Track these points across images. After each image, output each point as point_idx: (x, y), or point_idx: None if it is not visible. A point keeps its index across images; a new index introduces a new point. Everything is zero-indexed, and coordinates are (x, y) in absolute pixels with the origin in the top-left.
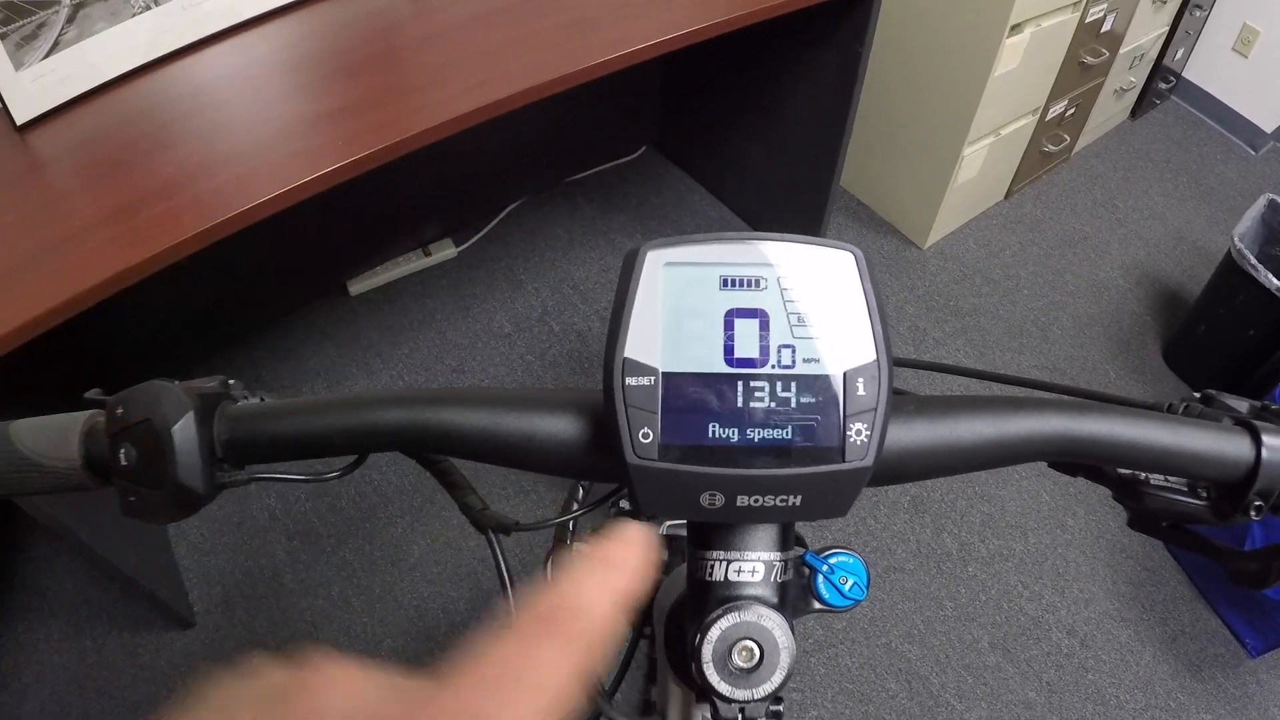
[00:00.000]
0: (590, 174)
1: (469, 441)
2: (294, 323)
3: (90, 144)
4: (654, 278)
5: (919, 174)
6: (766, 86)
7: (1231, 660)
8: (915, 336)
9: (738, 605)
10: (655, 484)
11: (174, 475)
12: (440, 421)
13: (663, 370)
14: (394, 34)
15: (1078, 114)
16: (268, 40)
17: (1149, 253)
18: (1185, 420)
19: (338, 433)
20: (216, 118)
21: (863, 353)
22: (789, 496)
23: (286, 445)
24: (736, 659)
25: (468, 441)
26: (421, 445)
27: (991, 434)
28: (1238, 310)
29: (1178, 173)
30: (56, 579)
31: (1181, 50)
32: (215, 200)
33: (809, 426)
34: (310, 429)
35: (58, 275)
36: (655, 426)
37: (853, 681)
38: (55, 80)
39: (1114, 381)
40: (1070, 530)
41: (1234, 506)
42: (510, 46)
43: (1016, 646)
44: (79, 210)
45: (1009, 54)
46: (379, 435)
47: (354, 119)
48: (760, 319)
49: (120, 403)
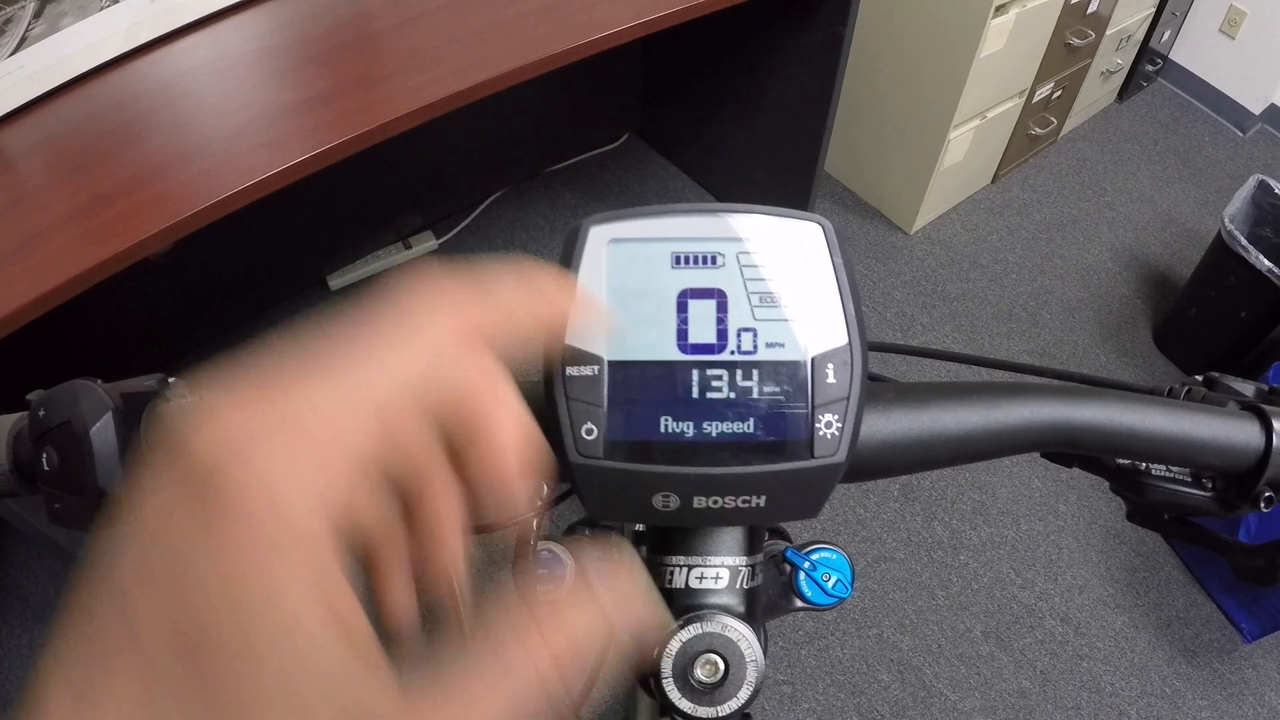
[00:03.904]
0: (572, 163)
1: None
2: (273, 317)
3: (58, 140)
4: (597, 256)
5: (904, 158)
6: (749, 71)
7: (1227, 645)
8: (903, 322)
9: (700, 616)
10: (601, 485)
11: (94, 480)
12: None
13: (608, 359)
14: (366, 22)
15: (1064, 97)
16: (239, 31)
17: (1138, 235)
18: (1189, 406)
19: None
20: (185, 111)
21: (833, 336)
22: (752, 497)
23: None
24: (699, 673)
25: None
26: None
27: (979, 423)
28: (1228, 292)
29: (1166, 155)
30: (39, 584)
31: (1168, 32)
32: (182, 195)
33: (773, 419)
34: None
35: (22, 275)
36: (600, 421)
37: (844, 673)
38: (23, 77)
39: (1105, 365)
40: (1063, 516)
41: (1241, 497)
42: (484, 32)
43: (1010, 635)
44: (46, 208)
45: (994, 35)
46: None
47: (324, 108)
48: (717, 300)
49: (43, 404)
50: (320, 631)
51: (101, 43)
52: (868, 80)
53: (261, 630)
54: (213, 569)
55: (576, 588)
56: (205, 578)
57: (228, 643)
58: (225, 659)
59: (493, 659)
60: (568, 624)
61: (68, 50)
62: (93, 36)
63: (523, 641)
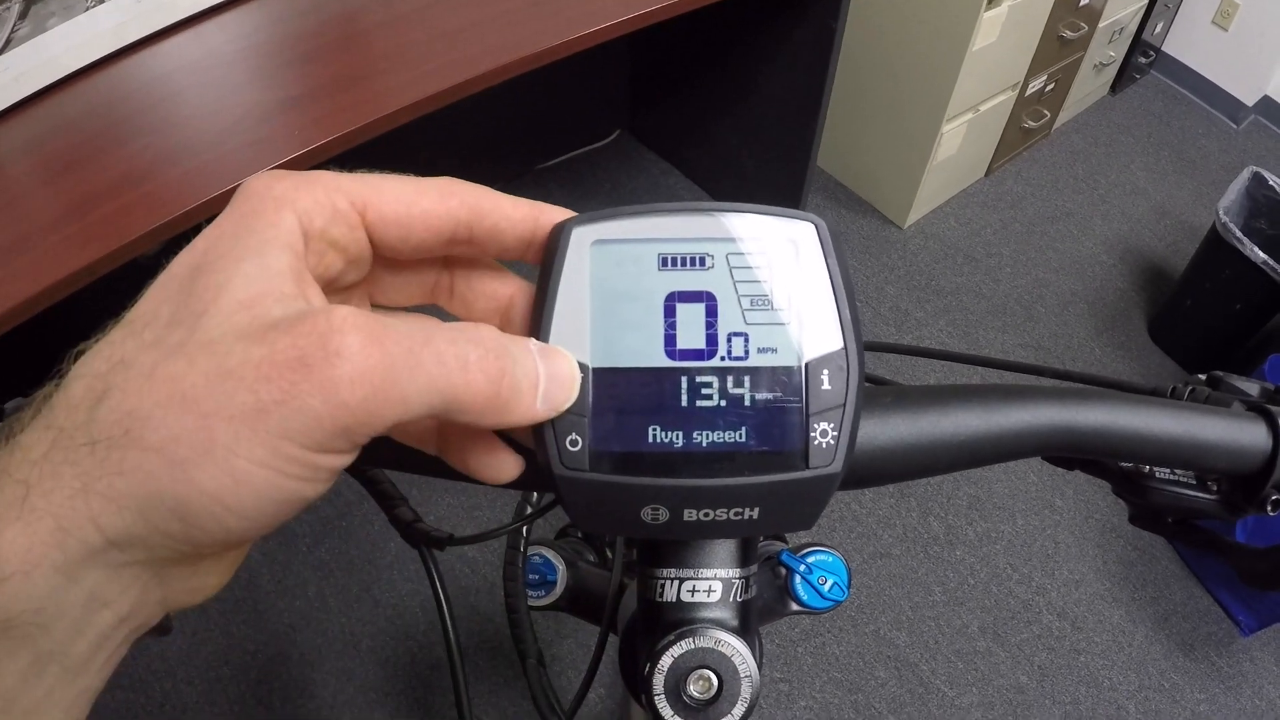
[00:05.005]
0: (562, 160)
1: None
2: None
3: (45, 142)
4: (580, 258)
5: (897, 152)
6: (740, 66)
7: (1224, 639)
8: (897, 317)
9: (692, 630)
10: (587, 498)
11: None
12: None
13: (593, 366)
14: (354, 19)
15: (1057, 89)
16: (226, 29)
17: (1132, 228)
18: (1194, 407)
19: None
20: (174, 110)
21: (828, 340)
22: (744, 509)
23: None
24: (692, 689)
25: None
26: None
27: (980, 428)
28: (1223, 284)
29: (1159, 147)
30: None
31: (1161, 24)
32: (169, 195)
33: (766, 428)
34: None
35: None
36: (585, 432)
37: (841, 670)
38: (9, 79)
39: (1099, 358)
40: (1059, 511)
41: (1248, 500)
42: (472, 28)
43: (1007, 630)
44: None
45: (987, 28)
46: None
47: (312, 106)
48: (706, 303)
49: (18, 414)
50: (276, 258)
51: (88, 43)
52: (860, 74)
53: (237, 258)
54: (220, 226)
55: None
56: (220, 226)
57: (214, 265)
58: (208, 275)
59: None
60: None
61: (54, 51)
62: (79, 37)
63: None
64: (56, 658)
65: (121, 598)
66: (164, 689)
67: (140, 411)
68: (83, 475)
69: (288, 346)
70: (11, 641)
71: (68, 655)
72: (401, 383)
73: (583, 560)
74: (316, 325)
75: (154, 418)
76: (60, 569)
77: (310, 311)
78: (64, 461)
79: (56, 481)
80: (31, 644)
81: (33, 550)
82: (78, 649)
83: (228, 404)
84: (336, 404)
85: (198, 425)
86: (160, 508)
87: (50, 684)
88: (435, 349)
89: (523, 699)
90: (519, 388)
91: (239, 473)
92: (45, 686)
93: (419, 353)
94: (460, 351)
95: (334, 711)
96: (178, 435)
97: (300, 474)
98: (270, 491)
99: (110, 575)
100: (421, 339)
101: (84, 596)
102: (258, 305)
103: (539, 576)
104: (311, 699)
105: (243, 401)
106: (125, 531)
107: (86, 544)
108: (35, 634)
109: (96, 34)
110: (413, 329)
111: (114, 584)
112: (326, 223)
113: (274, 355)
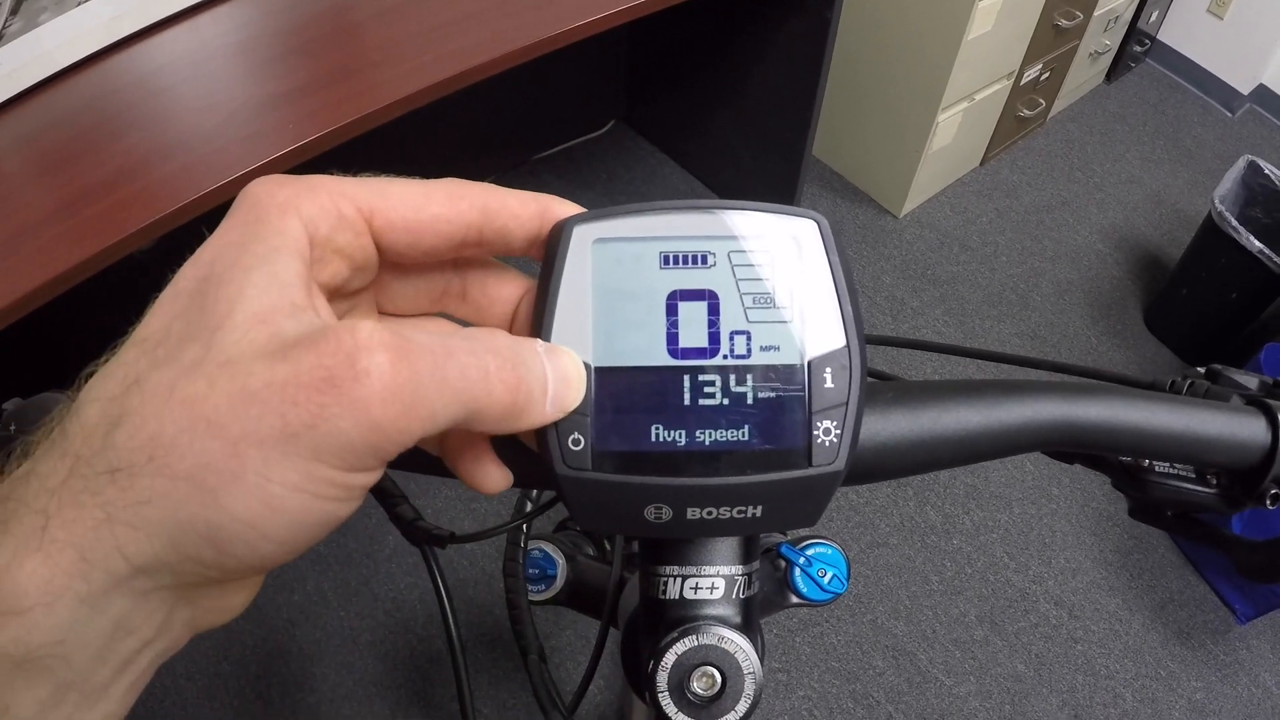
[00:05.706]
0: (558, 150)
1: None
2: None
3: (38, 137)
4: (581, 257)
5: (892, 142)
6: (735, 55)
7: (1221, 627)
8: (893, 307)
9: (695, 627)
10: (590, 498)
11: None
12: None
13: (595, 365)
14: (347, 11)
15: (1052, 78)
16: (219, 23)
17: (1128, 217)
18: (1194, 401)
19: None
20: (167, 105)
21: (830, 338)
22: (747, 507)
23: None
24: (696, 686)
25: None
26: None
27: (981, 424)
28: (1219, 273)
29: (1155, 136)
30: None
31: (1156, 12)
32: (163, 191)
33: (768, 426)
34: None
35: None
36: (587, 431)
37: (839, 660)
38: (1, 75)
39: (1095, 347)
40: (1055, 500)
41: (1247, 494)
42: (466, 20)
43: (1004, 619)
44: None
45: (982, 17)
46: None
47: (306, 100)
48: (709, 301)
49: (14, 417)
50: (285, 267)
51: (81, 38)
52: (855, 64)
53: (245, 268)
54: (225, 235)
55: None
56: (225, 235)
57: (222, 276)
58: (217, 287)
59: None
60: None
61: (47, 46)
62: (72, 31)
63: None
64: (77, 686)
65: (147, 624)
66: (163, 684)
67: (164, 437)
68: (105, 505)
69: (313, 366)
70: (32, 673)
71: (88, 683)
72: (430, 398)
73: (582, 554)
74: (342, 344)
75: (179, 444)
76: (84, 600)
77: (332, 329)
78: (84, 490)
79: (78, 511)
80: (51, 675)
81: (54, 581)
82: (99, 677)
83: (255, 428)
84: (368, 425)
85: (227, 451)
86: (192, 535)
87: (68, 712)
88: (458, 362)
89: (522, 690)
90: (532, 394)
91: (273, 498)
92: (63, 715)
93: (444, 366)
94: (480, 362)
95: (334, 705)
96: (206, 462)
97: (334, 494)
98: (304, 515)
99: (136, 602)
100: (444, 352)
101: (108, 625)
102: (272, 319)
103: (539, 571)
104: (311, 693)
105: (270, 425)
106: (153, 558)
107: (112, 574)
108: (56, 665)
109: (89, 29)
110: (433, 342)
111: (140, 611)
112: (332, 229)
113: (299, 376)
